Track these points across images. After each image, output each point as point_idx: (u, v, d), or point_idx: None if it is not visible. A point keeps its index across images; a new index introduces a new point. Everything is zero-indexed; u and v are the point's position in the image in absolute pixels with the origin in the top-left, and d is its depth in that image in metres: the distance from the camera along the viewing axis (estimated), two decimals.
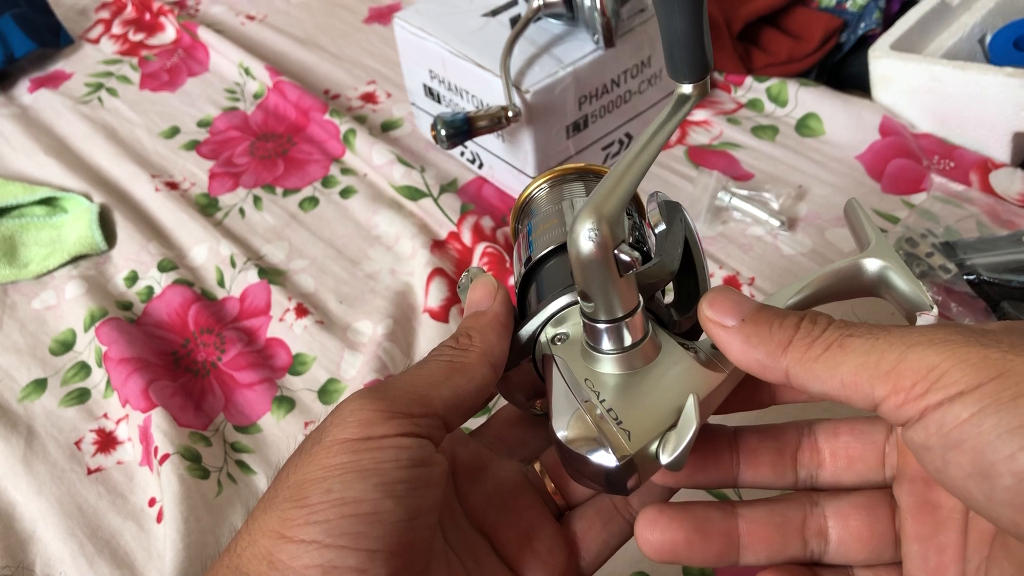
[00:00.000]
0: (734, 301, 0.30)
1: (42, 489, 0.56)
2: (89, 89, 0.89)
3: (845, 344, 0.27)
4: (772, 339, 0.29)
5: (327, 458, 0.28)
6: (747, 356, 0.29)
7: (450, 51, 0.66)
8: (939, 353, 0.25)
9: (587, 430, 0.29)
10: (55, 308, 0.68)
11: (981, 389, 0.24)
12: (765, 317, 0.29)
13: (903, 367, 0.25)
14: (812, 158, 0.71)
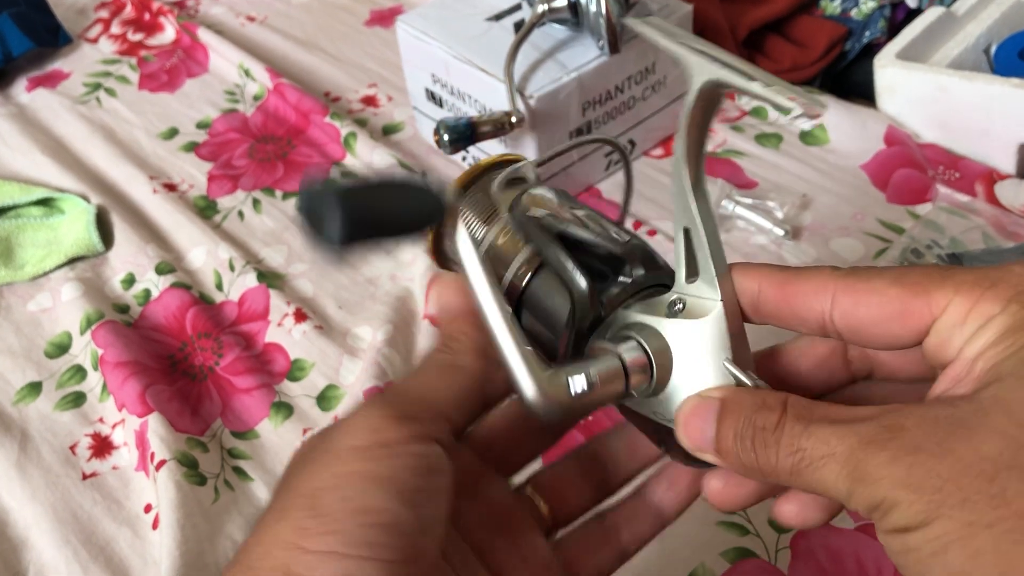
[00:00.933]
0: (699, 429, 0.29)
1: (36, 494, 0.55)
2: (87, 89, 0.88)
3: (819, 474, 0.26)
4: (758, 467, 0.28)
5: (340, 466, 0.28)
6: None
7: (453, 55, 0.66)
8: (888, 494, 0.24)
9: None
10: (51, 310, 0.67)
11: (912, 534, 0.24)
12: (741, 443, 0.28)
13: (859, 501, 0.25)
14: (816, 167, 0.70)
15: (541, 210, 0.36)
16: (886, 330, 0.28)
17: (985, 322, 0.26)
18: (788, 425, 0.27)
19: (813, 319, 0.30)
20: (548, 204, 0.36)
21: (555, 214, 0.35)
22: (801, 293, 0.30)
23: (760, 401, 0.28)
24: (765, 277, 0.30)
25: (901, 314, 0.27)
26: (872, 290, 0.28)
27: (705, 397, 0.29)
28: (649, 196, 0.70)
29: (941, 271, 0.27)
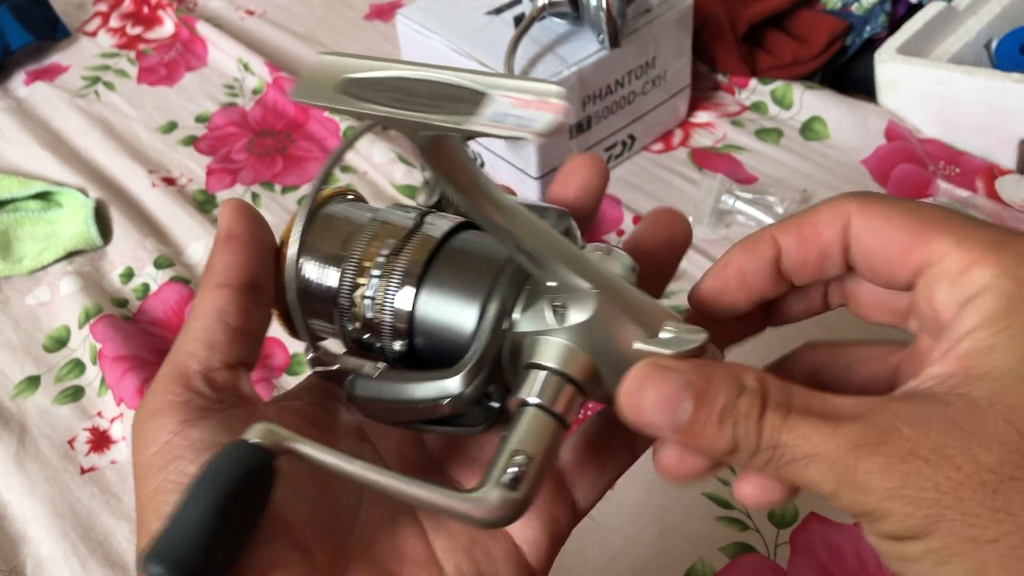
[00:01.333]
0: (664, 399, 0.25)
1: (34, 489, 0.55)
2: (86, 83, 0.88)
3: (804, 472, 0.24)
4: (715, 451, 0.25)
5: (142, 484, 0.28)
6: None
7: (453, 49, 0.66)
8: (881, 504, 0.23)
9: None
10: (49, 304, 0.67)
11: (910, 544, 0.24)
12: (707, 427, 0.25)
13: (848, 503, 0.24)
14: (817, 162, 0.70)
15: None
16: (886, 264, 0.27)
17: (977, 292, 0.25)
18: (768, 413, 0.25)
19: (838, 252, 0.28)
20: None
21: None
22: (820, 226, 0.28)
23: (737, 380, 0.25)
24: (781, 231, 0.29)
25: (904, 249, 0.26)
26: (885, 216, 0.27)
27: (663, 368, 0.26)
28: (648, 191, 0.69)
29: (953, 216, 0.26)
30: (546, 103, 0.23)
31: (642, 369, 0.26)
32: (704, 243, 0.65)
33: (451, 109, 0.23)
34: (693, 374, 0.25)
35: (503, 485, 0.27)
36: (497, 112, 0.23)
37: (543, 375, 0.28)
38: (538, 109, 0.23)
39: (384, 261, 0.31)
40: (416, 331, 0.30)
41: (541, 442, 0.28)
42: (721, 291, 0.30)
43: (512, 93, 0.23)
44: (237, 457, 0.26)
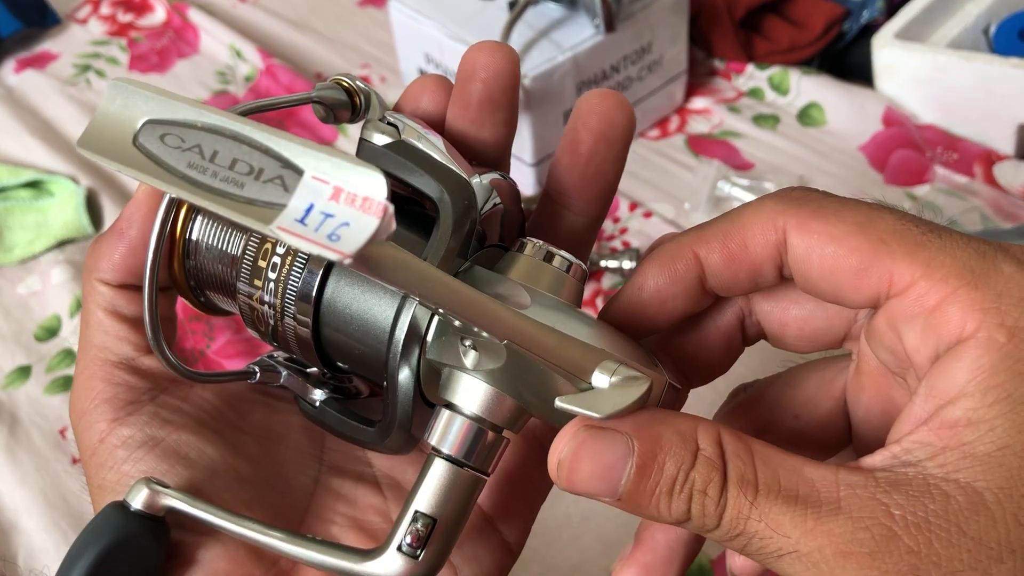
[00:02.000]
0: (602, 470, 0.22)
1: (25, 479, 0.55)
2: (76, 70, 0.87)
3: (778, 564, 0.21)
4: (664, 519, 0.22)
5: (88, 480, 0.28)
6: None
7: (447, 34, 0.65)
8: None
9: None
10: (40, 294, 0.66)
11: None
12: (647, 496, 0.22)
13: None
14: (814, 148, 0.69)
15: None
16: (836, 289, 0.24)
17: (958, 340, 0.21)
18: (731, 492, 0.21)
19: (771, 269, 0.25)
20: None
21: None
22: (749, 242, 0.25)
23: (690, 443, 0.22)
24: (703, 244, 0.25)
25: (857, 274, 0.23)
26: (830, 236, 0.23)
27: (598, 431, 0.22)
28: (644, 178, 0.69)
29: (909, 229, 0.22)
30: (368, 202, 0.18)
31: (575, 434, 0.22)
32: None
33: (254, 191, 0.19)
34: (636, 436, 0.22)
35: (404, 552, 0.24)
36: (307, 205, 0.19)
37: (459, 422, 0.25)
38: (358, 210, 0.18)
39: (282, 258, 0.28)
40: (323, 322, 0.28)
41: (451, 500, 0.25)
42: (639, 313, 0.27)
43: (331, 178, 0.19)
44: (114, 525, 0.26)
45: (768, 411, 0.28)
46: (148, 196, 0.28)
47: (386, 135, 0.27)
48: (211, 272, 0.29)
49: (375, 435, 0.28)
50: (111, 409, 0.28)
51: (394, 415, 0.26)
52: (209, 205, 0.19)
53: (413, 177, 0.26)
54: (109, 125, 0.21)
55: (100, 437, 0.28)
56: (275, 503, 0.29)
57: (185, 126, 0.20)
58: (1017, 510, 0.20)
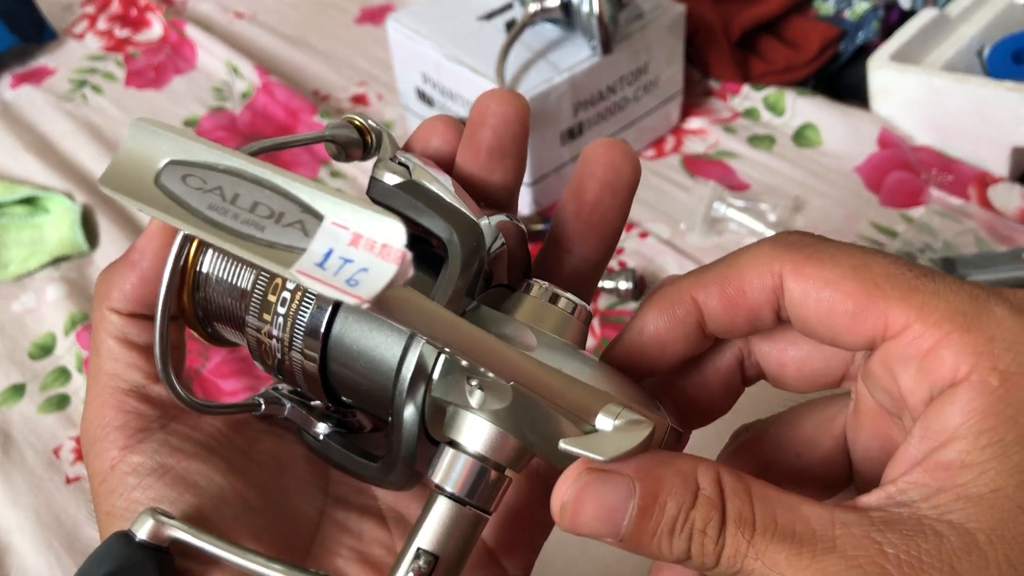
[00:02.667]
0: (604, 512, 0.22)
1: (18, 499, 0.54)
2: (73, 86, 0.87)
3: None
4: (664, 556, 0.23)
5: (97, 506, 0.28)
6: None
7: (444, 54, 0.65)
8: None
9: None
10: (35, 311, 0.66)
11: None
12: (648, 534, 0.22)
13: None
14: (810, 169, 0.70)
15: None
16: (832, 333, 0.24)
17: (951, 383, 0.22)
18: (729, 531, 0.22)
19: (769, 313, 0.26)
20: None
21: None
22: (747, 287, 0.25)
23: (691, 484, 0.22)
24: (701, 289, 0.26)
25: (853, 318, 0.24)
26: (825, 281, 0.24)
27: (602, 473, 0.23)
28: (640, 197, 0.69)
29: (903, 273, 0.23)
30: (387, 249, 0.19)
31: (578, 477, 0.23)
32: (696, 250, 0.64)
33: (275, 235, 0.20)
34: (638, 479, 0.22)
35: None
36: (326, 250, 0.19)
37: (462, 461, 0.25)
38: (376, 256, 0.19)
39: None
40: (331, 357, 0.28)
41: (453, 538, 0.25)
42: (639, 356, 0.27)
43: (351, 224, 0.19)
44: (117, 554, 0.26)
45: (770, 450, 0.29)
46: (161, 229, 0.29)
47: (397, 175, 0.28)
48: (220, 305, 0.29)
49: (378, 471, 0.28)
50: (122, 436, 0.28)
51: (398, 452, 0.27)
52: (230, 247, 0.20)
53: (423, 217, 0.27)
54: (131, 164, 0.22)
55: (111, 464, 0.28)
56: (282, 533, 0.29)
57: (207, 168, 0.21)
58: (1009, 551, 0.20)
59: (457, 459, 0.26)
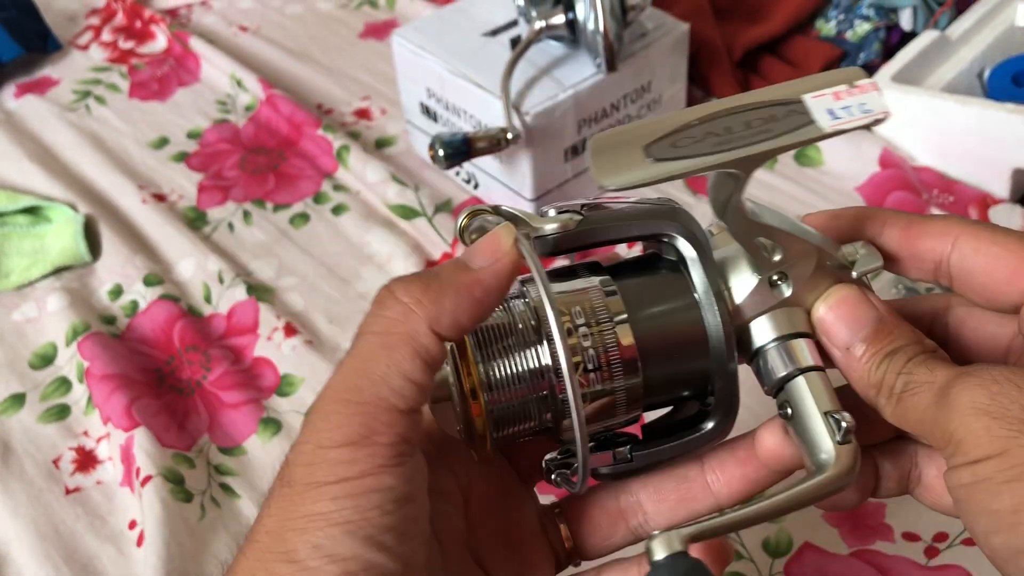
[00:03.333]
0: (854, 319, 0.30)
1: (17, 509, 0.54)
2: (77, 96, 0.87)
3: (916, 398, 0.28)
4: (869, 379, 0.29)
5: (305, 506, 0.26)
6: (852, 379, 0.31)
7: (449, 70, 0.65)
8: (964, 421, 0.26)
9: None
10: (36, 321, 0.66)
11: (983, 464, 0.25)
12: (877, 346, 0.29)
13: (940, 432, 0.27)
14: (811, 188, 0.70)
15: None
16: (994, 283, 0.29)
17: None
18: (919, 356, 0.28)
19: (930, 260, 0.31)
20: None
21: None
22: (925, 234, 0.31)
23: (917, 337, 0.29)
24: (891, 219, 0.31)
25: (1013, 271, 0.29)
26: (995, 241, 0.29)
27: (865, 297, 0.30)
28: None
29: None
30: (858, 87, 0.26)
31: (848, 291, 0.30)
32: None
33: (783, 127, 0.26)
34: (886, 313, 0.30)
35: (843, 442, 0.29)
36: (827, 108, 0.26)
37: (792, 344, 0.30)
38: (858, 93, 0.26)
39: (582, 320, 0.30)
40: (646, 362, 0.31)
41: (833, 395, 0.30)
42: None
43: (823, 90, 0.26)
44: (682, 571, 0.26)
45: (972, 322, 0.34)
46: (508, 271, 0.29)
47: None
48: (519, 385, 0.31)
49: (711, 431, 0.32)
50: (384, 455, 0.27)
51: (733, 398, 0.31)
52: (765, 148, 0.26)
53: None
54: (618, 162, 0.26)
55: (354, 475, 0.27)
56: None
57: (682, 129, 0.26)
58: None
59: (790, 345, 0.30)
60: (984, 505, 0.25)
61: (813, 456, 0.29)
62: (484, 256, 0.29)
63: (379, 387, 0.27)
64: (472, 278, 0.28)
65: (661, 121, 0.27)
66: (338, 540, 0.26)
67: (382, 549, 0.26)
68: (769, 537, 0.49)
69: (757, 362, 0.31)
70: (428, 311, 0.28)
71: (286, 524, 0.26)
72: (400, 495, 0.27)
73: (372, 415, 0.27)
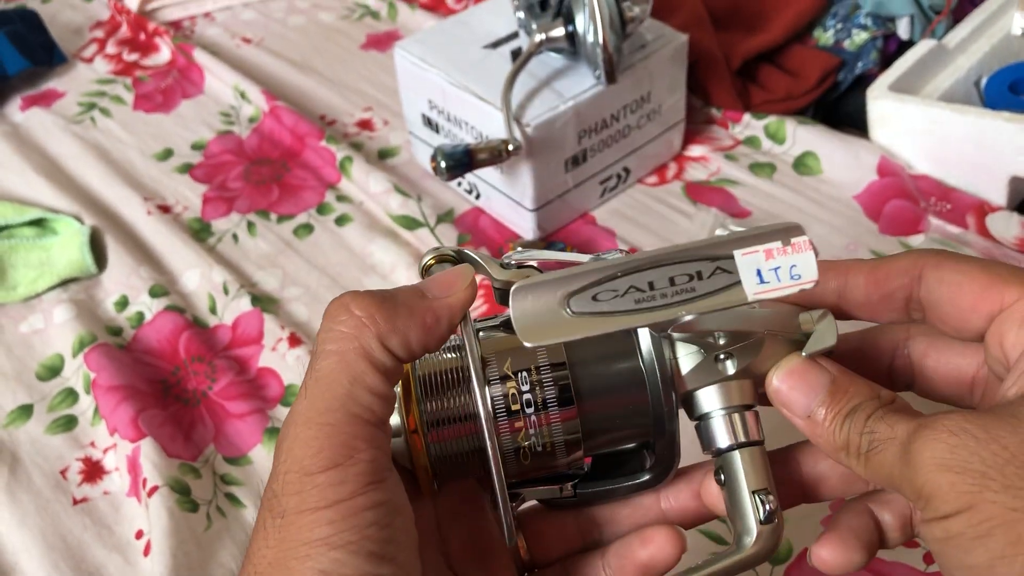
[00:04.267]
0: (808, 386, 0.30)
1: (25, 519, 0.55)
2: (82, 109, 0.88)
3: (881, 456, 0.28)
4: (833, 442, 0.29)
5: (303, 533, 0.27)
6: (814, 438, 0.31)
7: (451, 82, 0.66)
8: (929, 477, 0.26)
9: None
10: (43, 332, 0.67)
11: (954, 519, 0.25)
12: (835, 411, 0.30)
13: (909, 487, 0.27)
14: (810, 197, 0.71)
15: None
16: (959, 312, 0.30)
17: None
18: (878, 412, 0.28)
19: (900, 298, 0.31)
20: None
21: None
22: (891, 274, 0.31)
23: (873, 391, 0.29)
24: (852, 268, 0.32)
25: (979, 298, 0.29)
26: (959, 269, 0.30)
27: (814, 363, 0.30)
28: (642, 223, 0.70)
29: (1022, 273, 0.30)
30: (792, 246, 0.26)
31: (796, 360, 0.30)
32: None
33: (708, 287, 0.26)
34: (839, 373, 0.30)
35: (767, 522, 0.29)
36: (756, 271, 0.26)
37: (732, 417, 0.30)
38: (792, 252, 0.26)
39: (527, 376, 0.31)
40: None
41: (765, 471, 0.30)
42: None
43: (756, 248, 0.26)
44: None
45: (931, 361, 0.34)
46: (461, 304, 0.30)
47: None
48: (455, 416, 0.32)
49: (652, 479, 0.33)
50: (370, 473, 0.27)
51: (673, 451, 0.32)
52: (687, 311, 0.25)
53: None
54: (537, 317, 0.26)
55: (345, 497, 0.27)
56: None
57: (605, 281, 0.26)
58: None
59: (729, 419, 0.30)
60: (959, 560, 0.25)
61: (737, 529, 0.30)
62: (440, 288, 0.30)
63: (348, 405, 0.28)
64: (425, 306, 0.30)
65: (584, 270, 0.27)
66: (343, 562, 0.26)
67: (386, 561, 0.27)
68: None
69: (699, 426, 0.32)
70: (380, 328, 0.29)
71: (288, 554, 0.27)
72: (392, 507, 0.28)
73: (349, 434, 0.28)
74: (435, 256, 0.33)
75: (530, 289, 0.26)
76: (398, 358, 0.29)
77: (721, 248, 0.26)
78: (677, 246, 0.26)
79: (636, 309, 0.25)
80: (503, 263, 0.32)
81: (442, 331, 0.30)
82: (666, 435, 0.31)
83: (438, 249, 0.33)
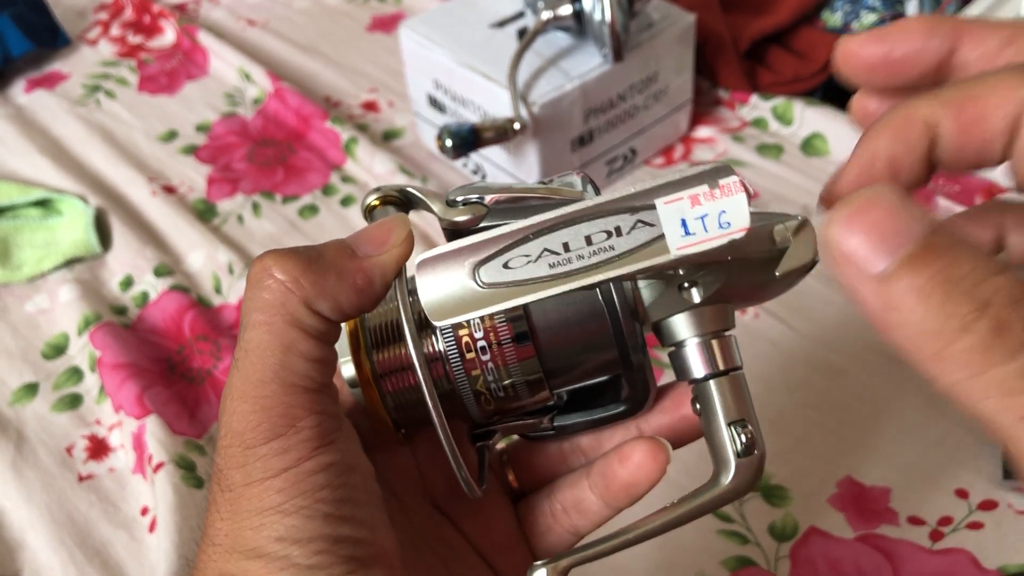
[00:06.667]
0: (888, 230, 0.20)
1: (32, 496, 0.55)
2: (86, 91, 0.88)
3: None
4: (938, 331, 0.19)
5: (253, 503, 0.26)
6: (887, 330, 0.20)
7: (456, 61, 0.66)
8: None
9: None
10: (48, 311, 0.67)
11: None
12: (946, 268, 0.19)
13: None
14: (818, 178, 0.70)
15: None
16: None
17: None
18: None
19: (999, 144, 0.23)
20: None
21: None
22: (989, 112, 0.23)
23: (990, 262, 0.20)
24: (941, 115, 0.24)
25: None
26: None
27: (902, 200, 0.20)
28: None
29: None
30: (721, 187, 0.22)
31: (872, 193, 0.20)
32: None
33: (628, 243, 0.22)
34: (937, 226, 0.20)
35: (743, 456, 0.27)
36: (680, 221, 0.22)
37: (708, 344, 0.28)
38: (721, 197, 0.22)
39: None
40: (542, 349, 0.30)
41: (743, 401, 0.28)
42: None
43: (681, 194, 0.22)
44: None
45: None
46: (395, 262, 0.28)
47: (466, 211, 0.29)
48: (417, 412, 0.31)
49: (629, 408, 0.32)
50: (316, 437, 0.27)
51: (647, 381, 0.30)
52: (603, 278, 0.22)
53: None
54: (444, 292, 0.24)
55: (294, 463, 0.26)
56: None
57: (516, 244, 0.23)
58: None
59: (704, 347, 0.28)
60: None
61: (714, 461, 0.28)
62: (372, 244, 0.28)
63: (283, 375, 0.26)
64: (356, 266, 0.27)
65: (494, 235, 0.24)
66: (299, 527, 0.26)
67: (344, 521, 0.26)
68: (775, 521, 0.50)
69: (671, 356, 0.29)
70: (307, 292, 0.26)
71: (242, 525, 0.26)
72: (342, 467, 0.27)
73: (287, 404, 0.26)
74: (379, 197, 0.30)
75: (436, 261, 0.24)
76: (330, 321, 0.27)
77: (642, 198, 0.22)
78: (598, 198, 0.23)
79: (550, 276, 0.23)
80: (449, 200, 0.30)
81: (375, 292, 0.27)
82: (635, 367, 0.30)
83: (381, 188, 0.30)
